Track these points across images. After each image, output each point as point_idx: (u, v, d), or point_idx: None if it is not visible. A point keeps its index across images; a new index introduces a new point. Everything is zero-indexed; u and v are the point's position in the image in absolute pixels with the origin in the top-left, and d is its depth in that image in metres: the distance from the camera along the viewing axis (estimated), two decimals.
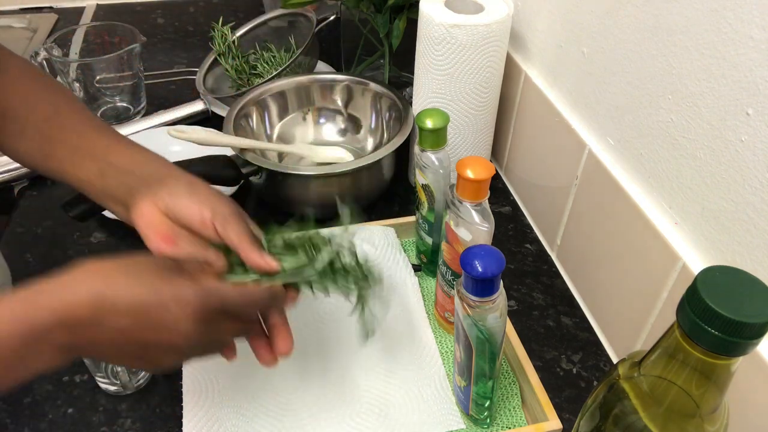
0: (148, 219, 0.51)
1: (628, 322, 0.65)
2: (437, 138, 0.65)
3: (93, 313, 0.41)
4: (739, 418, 0.48)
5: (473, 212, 0.58)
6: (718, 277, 0.33)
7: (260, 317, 0.53)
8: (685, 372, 0.35)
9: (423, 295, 0.72)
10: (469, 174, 0.55)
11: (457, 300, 0.52)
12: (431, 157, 0.66)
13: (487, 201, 0.58)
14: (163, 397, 0.63)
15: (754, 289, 0.32)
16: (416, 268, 0.74)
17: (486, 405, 0.58)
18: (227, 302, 0.46)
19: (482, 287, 0.49)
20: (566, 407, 0.63)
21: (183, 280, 0.45)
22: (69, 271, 0.43)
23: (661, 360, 0.36)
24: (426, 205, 0.69)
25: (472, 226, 0.58)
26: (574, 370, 0.67)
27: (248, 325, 0.51)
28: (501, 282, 0.50)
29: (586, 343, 0.70)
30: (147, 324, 0.43)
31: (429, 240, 0.72)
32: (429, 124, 0.64)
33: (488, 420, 0.60)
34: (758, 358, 0.47)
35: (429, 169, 0.66)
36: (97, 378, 0.62)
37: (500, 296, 0.50)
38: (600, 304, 0.71)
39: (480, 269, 0.48)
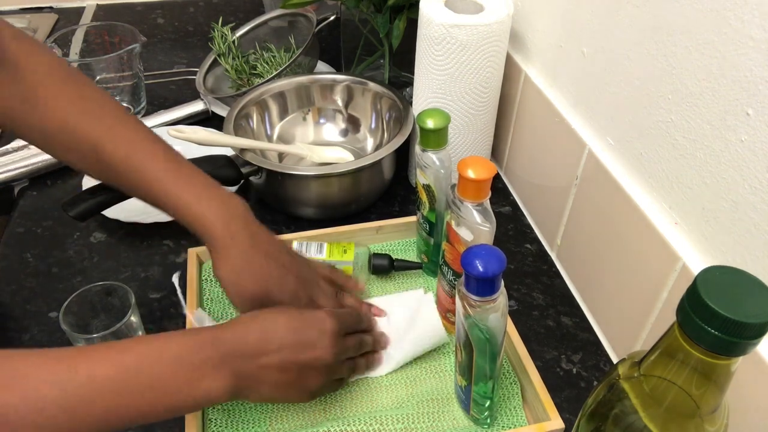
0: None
1: (628, 322, 0.65)
2: (438, 138, 0.65)
3: (263, 342, 0.52)
4: (739, 418, 0.48)
5: (474, 212, 0.58)
6: (718, 277, 0.33)
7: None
8: (685, 372, 0.35)
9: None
10: (471, 174, 0.55)
11: (458, 300, 0.52)
12: (432, 157, 0.66)
13: (488, 201, 0.58)
14: None
15: (754, 289, 0.32)
16: (416, 266, 0.74)
17: (487, 405, 0.58)
18: (344, 317, 0.59)
19: (483, 287, 0.49)
20: (566, 407, 0.63)
21: (316, 310, 0.58)
22: (239, 318, 0.55)
23: (661, 360, 0.36)
24: (427, 205, 0.69)
25: (474, 226, 0.58)
26: (574, 370, 0.67)
27: (363, 337, 0.62)
28: (502, 281, 0.50)
29: (586, 343, 0.70)
30: (303, 345, 0.54)
31: (430, 240, 0.72)
32: (430, 124, 0.64)
33: (489, 420, 0.60)
34: (758, 358, 0.47)
35: (430, 169, 0.66)
36: None
37: (501, 296, 0.50)
38: (600, 304, 0.71)
39: (481, 269, 0.48)
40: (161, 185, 0.58)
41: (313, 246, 0.72)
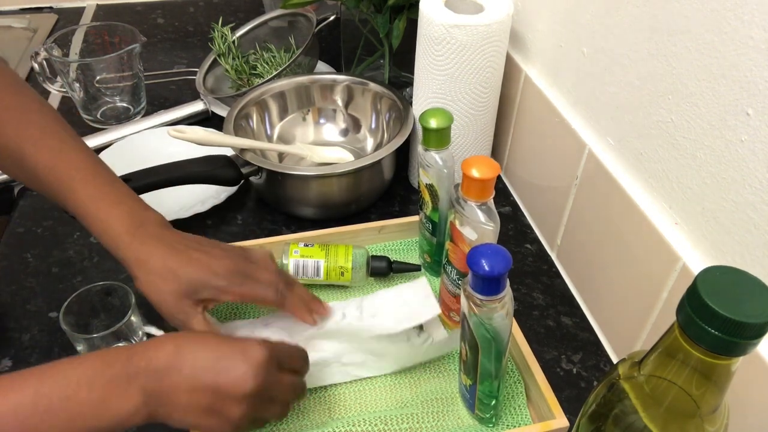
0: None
1: (628, 322, 0.65)
2: (441, 137, 0.65)
3: (174, 359, 0.48)
4: (739, 418, 0.48)
5: (478, 211, 0.58)
6: (718, 277, 0.33)
7: None
8: (685, 372, 0.35)
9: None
10: (475, 173, 0.55)
11: (463, 299, 0.52)
12: (435, 156, 0.66)
13: (492, 200, 0.58)
14: None
15: (754, 289, 0.32)
16: (415, 268, 0.74)
17: (491, 404, 0.58)
18: (282, 351, 0.53)
19: (489, 286, 0.49)
20: (566, 407, 0.63)
21: (247, 338, 0.52)
22: (157, 337, 0.51)
23: (661, 360, 0.36)
24: (430, 204, 0.69)
25: (478, 226, 0.58)
26: (574, 370, 0.67)
27: (300, 380, 0.56)
28: (507, 281, 0.50)
29: (586, 343, 0.70)
30: (219, 368, 0.48)
31: (433, 240, 0.72)
32: (433, 123, 0.64)
33: (493, 419, 0.60)
34: (758, 358, 0.47)
35: (433, 168, 0.66)
36: None
37: (507, 295, 0.50)
38: (600, 304, 0.71)
39: (487, 268, 0.48)
40: (76, 196, 0.57)
41: (310, 264, 0.72)
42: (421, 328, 0.67)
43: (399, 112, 0.87)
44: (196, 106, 1.01)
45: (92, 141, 0.94)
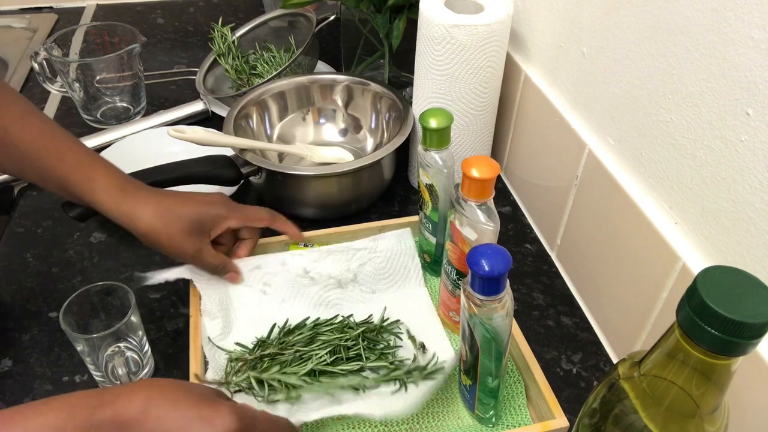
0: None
1: (628, 322, 0.65)
2: (441, 137, 0.65)
3: (141, 415, 0.45)
4: (739, 418, 0.48)
5: (478, 211, 0.58)
6: (718, 277, 0.33)
7: None
8: (685, 372, 0.35)
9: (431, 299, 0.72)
10: (474, 173, 0.55)
11: (463, 299, 0.52)
12: (435, 156, 0.66)
13: (492, 200, 0.58)
14: None
15: (754, 289, 0.32)
16: None
17: (491, 404, 0.58)
18: (259, 425, 0.49)
19: (489, 286, 0.49)
20: (566, 407, 0.63)
21: (223, 402, 0.49)
22: (132, 382, 0.50)
23: (661, 360, 0.36)
24: (430, 204, 0.69)
25: (478, 226, 0.58)
26: (574, 370, 0.67)
27: None
28: (507, 281, 0.50)
29: (586, 343, 0.70)
30: None
31: (433, 240, 0.72)
32: (433, 123, 0.64)
33: (493, 419, 0.60)
34: (758, 358, 0.47)
35: (432, 168, 0.66)
36: (96, 378, 0.62)
37: (507, 295, 0.50)
38: (600, 304, 0.71)
39: (487, 268, 0.48)
40: (64, 163, 0.61)
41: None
42: (423, 347, 0.65)
43: (399, 112, 0.87)
44: (196, 106, 1.01)
45: (92, 141, 0.94)
